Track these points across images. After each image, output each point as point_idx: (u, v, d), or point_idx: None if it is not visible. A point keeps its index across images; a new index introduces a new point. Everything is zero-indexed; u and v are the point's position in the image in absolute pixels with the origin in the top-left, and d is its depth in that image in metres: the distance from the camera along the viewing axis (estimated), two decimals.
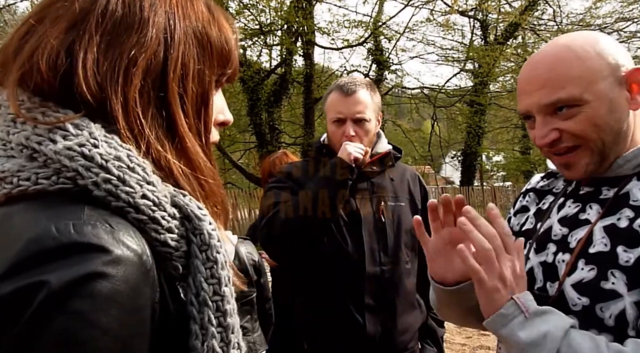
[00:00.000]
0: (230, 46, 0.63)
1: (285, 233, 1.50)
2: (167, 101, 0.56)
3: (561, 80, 0.87)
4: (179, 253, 0.53)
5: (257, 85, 11.03)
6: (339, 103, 1.61)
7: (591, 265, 0.85)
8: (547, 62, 0.89)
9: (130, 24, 0.54)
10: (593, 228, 0.87)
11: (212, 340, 0.53)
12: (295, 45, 10.98)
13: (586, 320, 0.83)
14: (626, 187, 0.87)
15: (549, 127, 0.89)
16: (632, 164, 0.88)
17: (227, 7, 10.11)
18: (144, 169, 0.51)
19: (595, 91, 0.85)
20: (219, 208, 0.62)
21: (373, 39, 12.35)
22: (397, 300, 1.60)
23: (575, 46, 0.88)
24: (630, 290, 0.79)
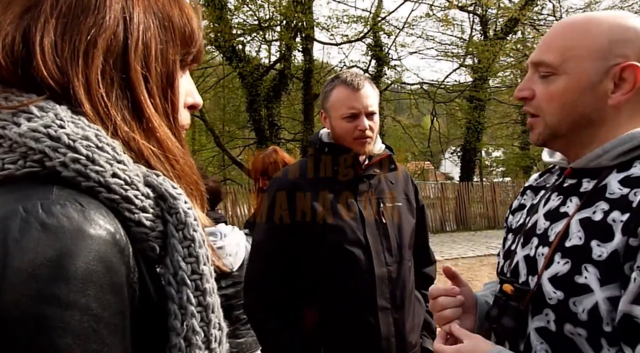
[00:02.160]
0: (193, 26, 0.62)
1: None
2: (130, 82, 0.55)
3: (554, 44, 0.88)
4: (155, 234, 0.53)
5: (256, 81, 11.00)
6: (351, 98, 1.58)
7: (566, 258, 0.84)
8: (562, 25, 0.91)
9: (87, 6, 0.53)
10: (570, 222, 0.86)
11: (191, 320, 0.53)
12: (294, 41, 10.94)
13: (561, 314, 0.83)
14: (605, 179, 0.86)
15: (528, 84, 0.92)
16: (610, 154, 0.86)
17: (226, 3, 10.09)
18: (113, 148, 0.51)
19: (576, 67, 0.85)
20: (193, 189, 0.61)
21: (372, 35, 12.31)
22: (405, 299, 1.61)
23: (592, 20, 0.87)
24: (604, 286, 0.78)
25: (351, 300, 1.54)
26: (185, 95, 0.65)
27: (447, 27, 13.69)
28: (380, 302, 1.55)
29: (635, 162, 0.84)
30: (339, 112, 1.59)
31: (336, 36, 12.30)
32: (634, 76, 0.83)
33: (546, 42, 0.90)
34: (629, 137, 0.84)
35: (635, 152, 0.84)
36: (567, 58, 0.85)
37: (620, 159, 0.85)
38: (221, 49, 10.85)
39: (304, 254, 1.57)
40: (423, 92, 14.82)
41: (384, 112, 14.05)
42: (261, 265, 1.60)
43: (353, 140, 1.58)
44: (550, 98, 0.88)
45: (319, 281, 1.57)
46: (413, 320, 1.64)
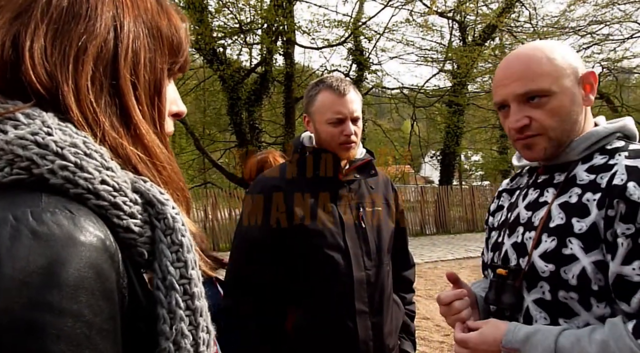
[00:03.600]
0: (180, 36, 0.64)
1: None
2: (119, 89, 0.56)
3: (534, 74, 1.04)
4: (143, 239, 0.53)
5: (237, 84, 10.96)
6: (337, 103, 1.59)
7: (552, 236, 1.01)
8: (521, 60, 1.07)
9: (77, 13, 0.54)
10: (551, 207, 1.05)
11: (180, 323, 0.53)
12: (275, 44, 10.94)
13: (554, 283, 0.99)
14: (574, 171, 1.05)
15: (522, 113, 1.05)
16: (576, 150, 1.06)
17: (206, 6, 10.03)
18: (101, 154, 0.51)
19: (561, 85, 1.03)
20: (180, 195, 0.62)
21: (353, 39, 12.39)
22: (383, 303, 1.63)
23: (544, 48, 1.07)
24: (588, 253, 0.95)
25: (330, 303, 1.55)
26: (170, 103, 0.66)
27: (427, 33, 13.88)
28: (359, 306, 1.56)
29: (595, 154, 1.05)
30: (324, 117, 1.60)
31: (317, 40, 12.37)
32: (594, 79, 1.07)
33: (522, 73, 1.05)
34: (589, 135, 1.06)
35: (594, 146, 1.05)
36: (553, 81, 1.03)
37: (584, 153, 1.05)
38: (202, 52, 10.78)
39: (283, 257, 1.57)
40: (403, 97, 14.96)
41: (365, 116, 14.12)
42: (241, 267, 1.60)
43: (338, 144, 1.60)
44: (551, 115, 1.03)
45: (298, 284, 1.58)
46: (391, 323, 1.66)
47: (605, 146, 1.05)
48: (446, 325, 5.19)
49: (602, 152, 1.05)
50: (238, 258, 1.65)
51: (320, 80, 1.67)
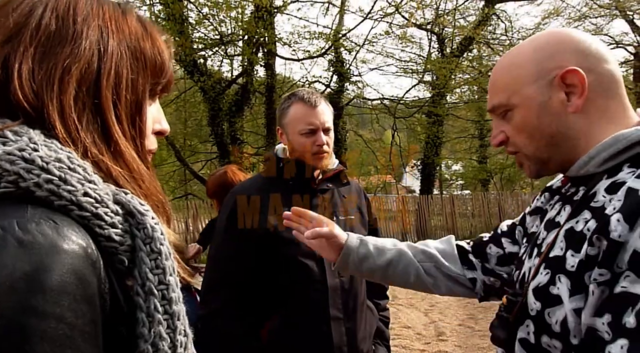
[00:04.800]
0: (164, 58, 0.68)
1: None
2: (101, 107, 0.60)
3: (495, 87, 0.94)
4: (124, 247, 0.57)
5: (218, 95, 10.97)
6: (309, 114, 1.65)
7: (547, 269, 0.84)
8: (494, 70, 0.96)
9: (64, 37, 0.58)
10: (559, 232, 0.85)
11: (158, 327, 0.57)
12: (256, 56, 11.00)
13: (539, 325, 0.83)
14: (595, 187, 0.83)
15: (498, 129, 0.95)
16: (596, 160, 0.83)
17: (187, 17, 10.06)
18: (84, 169, 0.55)
19: (521, 95, 0.88)
20: (159, 207, 0.65)
21: (334, 51, 12.53)
22: (357, 309, 1.67)
23: (514, 52, 0.92)
24: (572, 296, 0.77)
25: (305, 310, 1.59)
26: (153, 122, 0.71)
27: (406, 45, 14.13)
28: (333, 312, 1.60)
29: (624, 165, 0.80)
30: (297, 128, 1.66)
31: (298, 52, 12.46)
32: (577, 78, 0.83)
33: (490, 87, 0.96)
34: (612, 141, 0.81)
35: (622, 156, 0.80)
36: (511, 93, 0.89)
37: (608, 163, 0.82)
38: (182, 63, 10.78)
39: (259, 265, 1.60)
40: (384, 107, 15.15)
41: (347, 126, 14.25)
42: (218, 275, 1.63)
43: (311, 155, 1.65)
44: (517, 132, 0.91)
45: (274, 292, 1.61)
46: (365, 329, 1.70)
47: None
48: (427, 333, 5.24)
49: (634, 164, 0.80)
50: (214, 267, 1.67)
51: (292, 94, 1.73)
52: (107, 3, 0.65)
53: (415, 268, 1.22)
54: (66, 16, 0.60)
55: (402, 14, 12.09)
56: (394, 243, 1.27)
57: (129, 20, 0.66)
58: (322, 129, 1.66)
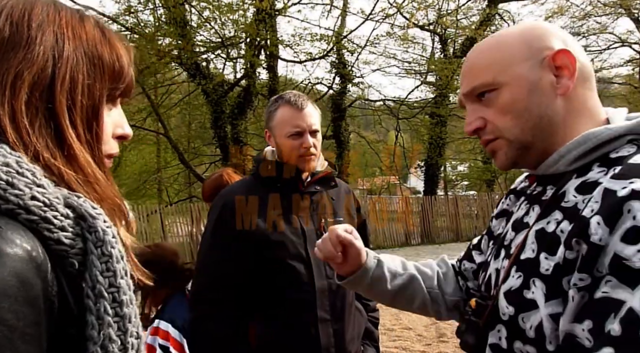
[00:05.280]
0: (122, 63, 0.69)
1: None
2: (55, 112, 0.61)
3: (477, 68, 0.88)
4: (75, 251, 0.57)
5: (220, 98, 11.01)
6: (295, 117, 1.65)
7: (520, 272, 0.81)
8: (471, 55, 0.91)
9: (18, 42, 0.59)
10: (528, 233, 0.83)
11: (108, 329, 0.57)
12: (258, 58, 11.04)
13: (511, 331, 0.80)
14: (565, 186, 0.81)
15: (475, 115, 0.89)
16: (566, 159, 0.81)
17: (188, 21, 10.11)
18: (33, 173, 0.55)
19: (511, 74, 0.83)
20: (116, 210, 0.66)
21: (336, 52, 12.55)
22: (345, 310, 1.67)
23: (499, 35, 0.89)
24: (547, 301, 0.74)
25: (293, 312, 1.59)
26: (115, 126, 0.71)
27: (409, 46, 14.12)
28: (321, 314, 1.60)
29: (594, 165, 0.79)
30: (283, 131, 1.66)
31: (300, 54, 12.48)
32: (569, 59, 0.81)
33: (468, 71, 0.90)
34: (583, 139, 0.80)
35: (593, 154, 0.79)
36: (498, 71, 0.84)
37: (577, 162, 0.81)
38: (184, 66, 10.84)
39: (247, 268, 1.61)
40: (386, 109, 15.14)
41: (349, 128, 14.25)
42: (207, 279, 1.64)
43: (298, 157, 1.65)
44: (502, 112, 0.84)
45: (262, 294, 1.62)
46: (353, 330, 1.70)
47: (610, 154, 0.78)
48: (428, 335, 5.23)
49: (603, 163, 0.78)
50: (202, 271, 1.68)
51: (279, 97, 1.73)
52: (65, 9, 0.66)
53: (422, 295, 1.16)
54: (21, 22, 0.60)
55: (403, 14, 12.09)
56: (405, 266, 1.19)
57: (87, 26, 0.67)
58: (309, 132, 1.66)
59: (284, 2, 10.89)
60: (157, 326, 2.16)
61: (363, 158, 20.78)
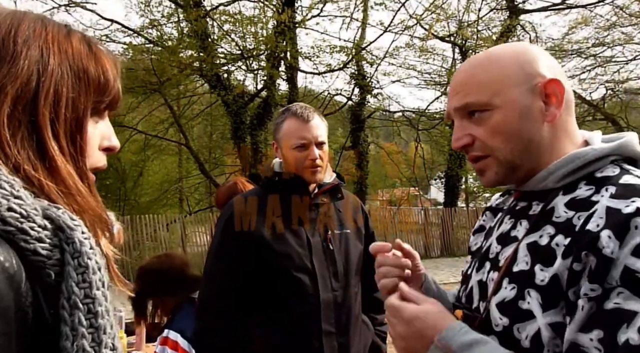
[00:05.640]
0: (108, 76, 0.70)
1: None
2: (37, 125, 0.62)
3: (472, 85, 0.89)
4: (52, 262, 0.58)
5: (240, 109, 11.13)
6: (301, 129, 1.67)
7: (513, 284, 0.83)
8: (465, 69, 0.93)
9: (3, 57, 0.61)
10: (519, 246, 0.86)
11: (82, 340, 0.58)
12: (277, 70, 11.14)
13: (505, 341, 0.81)
14: (553, 202, 0.85)
15: (463, 131, 0.91)
16: (555, 176, 0.85)
17: (209, 34, 10.29)
18: (11, 185, 0.57)
19: (505, 97, 0.86)
20: (97, 221, 0.67)
21: (355, 64, 12.58)
22: (350, 323, 1.66)
23: (494, 54, 0.91)
24: (545, 311, 0.77)
25: (297, 324, 1.59)
26: (102, 138, 0.73)
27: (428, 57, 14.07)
28: (325, 327, 1.59)
29: (580, 183, 0.84)
30: (290, 142, 1.67)
31: (319, 65, 12.56)
32: (558, 89, 0.85)
33: (461, 86, 0.91)
34: (570, 158, 0.85)
35: (579, 173, 0.84)
36: (494, 92, 0.86)
37: (565, 180, 0.85)
38: (205, 78, 11.00)
39: (253, 279, 1.61)
40: (406, 120, 15.08)
41: (368, 139, 14.22)
42: (213, 289, 1.65)
43: (304, 169, 1.66)
44: (493, 133, 0.87)
45: (267, 305, 1.62)
46: (359, 343, 1.69)
47: (595, 173, 0.83)
48: None
49: (590, 181, 0.83)
50: (209, 281, 1.69)
51: (286, 109, 1.75)
52: (52, 24, 0.68)
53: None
54: (7, 38, 0.62)
55: (423, 26, 12.08)
56: (440, 293, 1.15)
57: (73, 40, 0.68)
58: (315, 143, 1.67)
59: (302, 15, 11.00)
60: (166, 336, 2.17)
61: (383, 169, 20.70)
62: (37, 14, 0.68)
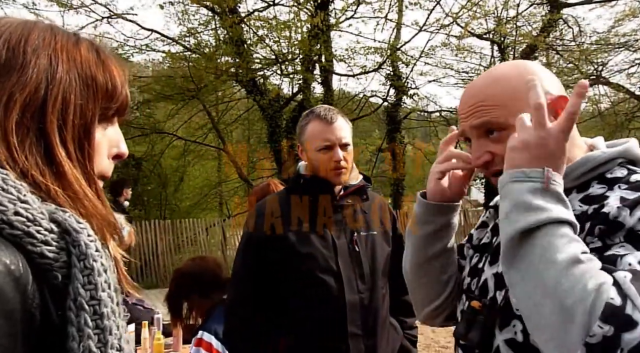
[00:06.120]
0: (115, 83, 0.72)
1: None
2: (45, 132, 0.64)
3: (488, 106, 0.96)
4: (59, 264, 0.60)
5: (275, 113, 11.24)
6: (325, 131, 1.68)
7: None
8: (477, 89, 0.99)
9: (13, 66, 0.64)
10: None
11: (88, 341, 0.59)
12: (312, 74, 11.18)
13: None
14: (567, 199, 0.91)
15: (482, 149, 0.99)
16: (570, 177, 0.93)
17: (245, 40, 10.44)
18: (19, 190, 0.59)
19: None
20: (105, 224, 0.68)
21: (390, 65, 12.47)
22: (377, 326, 1.64)
23: (502, 74, 0.98)
24: None
25: (323, 326, 1.58)
26: (111, 146, 0.74)
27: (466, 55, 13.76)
28: (351, 329, 1.58)
29: (593, 182, 0.93)
30: (314, 145, 1.68)
31: (354, 67, 12.52)
32: (565, 104, 0.91)
33: (479, 106, 0.97)
34: (584, 161, 0.94)
35: (592, 174, 0.93)
36: (509, 112, 0.93)
37: (579, 180, 0.94)
38: (241, 83, 11.16)
39: (278, 282, 1.62)
40: (443, 120, 14.81)
41: (404, 140, 14.06)
42: (240, 293, 1.67)
43: (329, 171, 1.66)
44: None
45: (292, 308, 1.62)
46: (387, 346, 1.66)
47: (605, 174, 0.93)
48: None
49: (601, 181, 0.92)
50: (236, 283, 1.71)
51: (310, 111, 1.75)
52: (61, 33, 0.70)
53: (453, 270, 1.18)
54: (17, 47, 0.65)
55: (460, 24, 11.84)
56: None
57: (82, 48, 0.70)
58: (339, 145, 1.67)
59: (336, 18, 11.01)
60: (200, 337, 2.21)
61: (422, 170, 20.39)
62: (48, 23, 0.70)
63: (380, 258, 1.71)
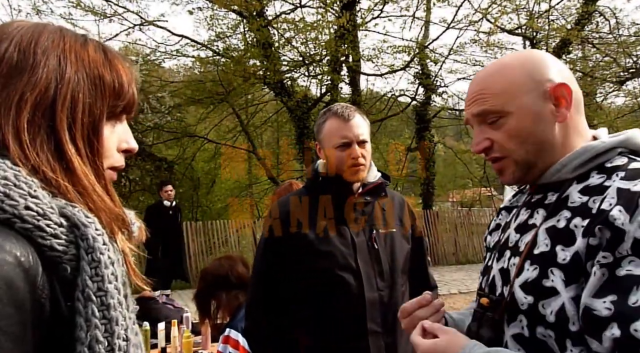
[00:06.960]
0: (122, 82, 0.75)
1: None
2: (55, 129, 0.67)
3: (486, 94, 0.99)
4: (68, 257, 0.63)
5: (303, 114, 11.29)
6: (342, 128, 1.67)
7: (535, 265, 0.91)
8: (479, 78, 1.02)
9: (24, 67, 0.67)
10: (538, 232, 0.94)
11: (95, 331, 0.61)
12: (339, 74, 11.18)
13: (532, 318, 0.89)
14: (567, 191, 0.94)
15: (482, 136, 1.01)
16: (568, 167, 0.95)
17: (273, 42, 10.54)
18: (30, 185, 0.61)
19: (518, 104, 0.96)
20: (114, 219, 0.71)
21: (418, 63, 12.34)
22: (397, 323, 1.63)
23: (504, 63, 1.00)
24: (568, 286, 0.84)
25: (342, 324, 1.58)
26: (120, 141, 0.77)
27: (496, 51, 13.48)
28: (371, 326, 1.57)
29: (592, 172, 0.93)
30: (331, 142, 1.68)
31: (381, 67, 12.45)
32: (566, 91, 0.95)
33: (478, 95, 1.00)
34: (582, 150, 0.95)
35: (591, 164, 0.94)
36: (505, 101, 0.96)
37: (578, 170, 0.94)
38: (270, 86, 11.27)
39: (298, 280, 1.63)
40: None
41: (434, 138, 13.89)
42: (259, 292, 1.68)
43: (347, 168, 1.66)
44: (509, 137, 0.97)
45: (312, 306, 1.62)
46: (407, 344, 1.65)
47: (605, 163, 0.93)
48: None
49: (601, 171, 0.93)
50: (255, 282, 1.73)
51: (327, 109, 1.75)
52: (69, 35, 0.73)
53: None
54: (28, 49, 0.68)
55: (489, 20, 11.62)
56: (459, 318, 1.21)
57: (89, 49, 0.73)
58: (357, 142, 1.66)
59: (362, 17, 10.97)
60: (227, 335, 2.25)
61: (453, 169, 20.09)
62: (57, 25, 0.73)
63: (400, 255, 1.70)
